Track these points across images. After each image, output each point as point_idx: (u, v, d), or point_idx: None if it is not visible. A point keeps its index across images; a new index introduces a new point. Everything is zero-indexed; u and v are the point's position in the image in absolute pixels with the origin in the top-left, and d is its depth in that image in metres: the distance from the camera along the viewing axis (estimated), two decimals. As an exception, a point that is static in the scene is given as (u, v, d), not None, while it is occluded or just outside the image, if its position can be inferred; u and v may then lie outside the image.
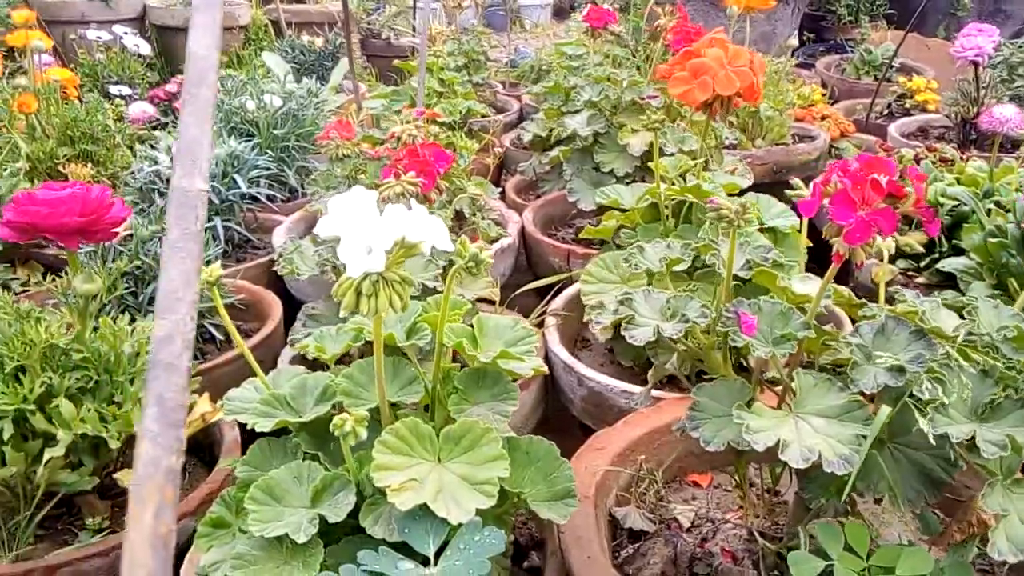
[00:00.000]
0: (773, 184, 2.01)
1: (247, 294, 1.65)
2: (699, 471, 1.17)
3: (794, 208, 1.38)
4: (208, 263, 1.10)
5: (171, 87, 2.76)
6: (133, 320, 1.19)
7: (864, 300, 0.88)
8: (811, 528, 0.89)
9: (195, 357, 1.48)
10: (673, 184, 1.32)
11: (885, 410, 0.71)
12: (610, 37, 2.29)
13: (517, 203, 2.19)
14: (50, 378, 1.04)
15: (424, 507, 0.77)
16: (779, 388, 0.93)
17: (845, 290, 0.85)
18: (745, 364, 0.92)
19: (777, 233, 1.30)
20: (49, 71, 2.08)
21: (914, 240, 0.97)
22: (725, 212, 0.77)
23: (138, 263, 1.38)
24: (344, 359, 1.04)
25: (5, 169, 1.81)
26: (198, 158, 0.35)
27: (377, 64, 3.78)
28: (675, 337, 0.80)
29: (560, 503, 0.85)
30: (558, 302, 1.54)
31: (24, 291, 1.72)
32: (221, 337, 1.53)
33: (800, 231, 1.31)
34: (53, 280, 1.17)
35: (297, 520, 0.80)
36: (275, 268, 1.36)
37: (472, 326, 0.89)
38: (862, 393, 0.75)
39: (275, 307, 1.63)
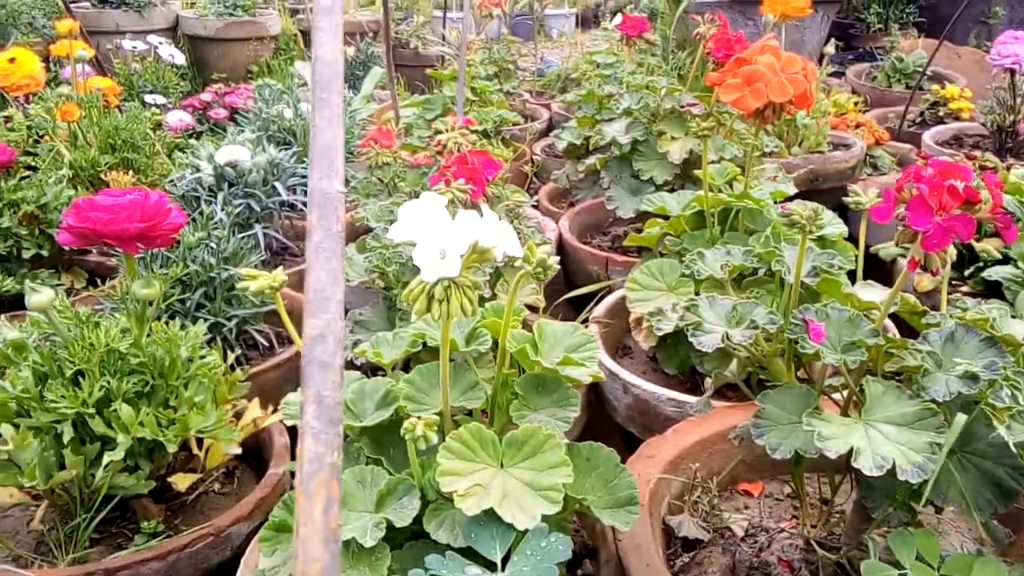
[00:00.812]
0: (809, 192, 2.00)
1: (289, 300, 1.66)
2: (750, 480, 1.16)
3: (842, 215, 1.37)
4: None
5: (205, 96, 2.80)
6: (183, 326, 1.20)
7: (927, 308, 0.87)
8: (876, 536, 0.88)
9: (240, 362, 1.49)
10: (720, 191, 1.32)
11: (961, 418, 0.70)
12: (644, 45, 2.29)
13: (551, 211, 2.19)
14: (108, 382, 1.05)
15: (489, 513, 0.78)
16: (836, 395, 0.92)
17: (911, 297, 0.84)
18: (805, 372, 0.91)
19: (825, 241, 1.29)
20: (91, 80, 2.11)
21: (991, 247, 0.96)
22: (797, 218, 0.77)
23: (188, 270, 1.40)
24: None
25: (51, 176, 1.84)
26: (334, 160, 0.35)
27: (405, 74, 3.81)
28: (744, 344, 0.79)
29: (622, 510, 0.85)
30: (600, 309, 1.54)
31: (70, 297, 1.75)
32: (265, 343, 1.54)
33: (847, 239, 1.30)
34: (112, 285, 1.18)
35: (363, 524, 0.80)
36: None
37: (532, 331, 0.89)
38: (934, 401, 0.75)
39: (316, 313, 1.64)
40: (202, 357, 1.17)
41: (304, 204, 2.03)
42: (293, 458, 1.22)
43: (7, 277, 1.56)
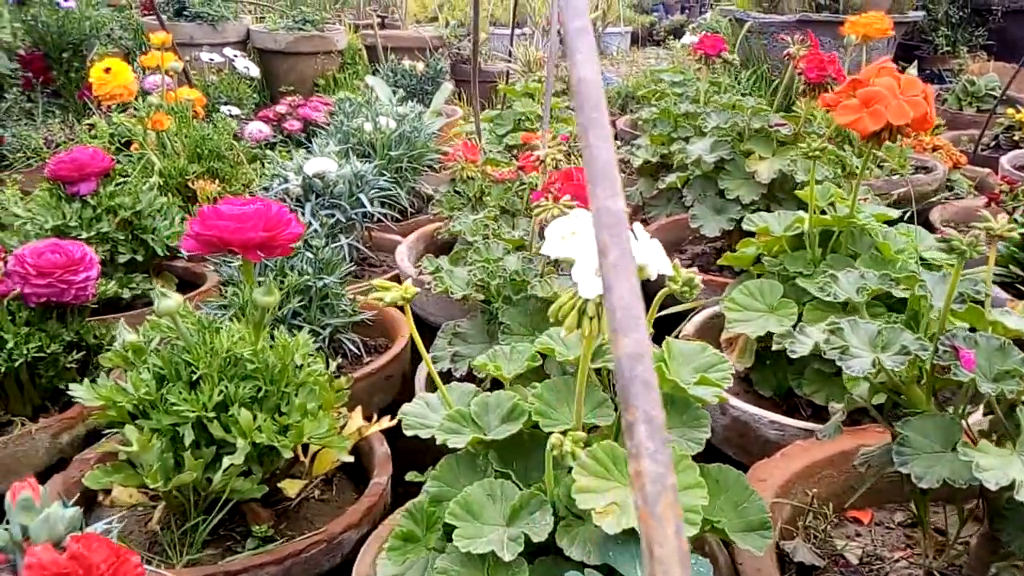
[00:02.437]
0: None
1: (374, 311, 1.68)
2: (859, 507, 1.14)
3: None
4: (356, 279, 1.12)
5: (280, 108, 2.85)
6: (293, 334, 1.22)
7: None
8: (1000, 568, 0.86)
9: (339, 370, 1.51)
10: (823, 213, 1.31)
11: None
12: (718, 65, 2.29)
13: (626, 228, 2.19)
14: (225, 387, 1.07)
15: (628, 532, 0.77)
16: (974, 423, 0.90)
17: (1056, 326, 0.82)
18: (938, 399, 0.89)
19: (931, 266, 1.27)
20: (180, 91, 2.17)
21: None
22: (957, 244, 0.76)
23: (299, 279, 1.43)
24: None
25: (144, 184, 1.89)
26: (614, 179, 0.36)
27: (468, 89, 3.84)
28: (894, 369, 0.78)
29: (754, 534, 0.84)
30: (688, 328, 1.53)
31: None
32: (356, 352, 1.56)
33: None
34: (235, 292, 1.21)
35: (498, 538, 0.80)
36: (426, 286, 1.37)
37: (662, 349, 0.89)
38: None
39: (400, 323, 1.66)
40: (309, 365, 1.18)
41: (383, 216, 2.05)
42: (395, 468, 1.23)
43: (108, 281, 1.60)
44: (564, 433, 0.78)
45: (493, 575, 0.79)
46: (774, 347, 1.18)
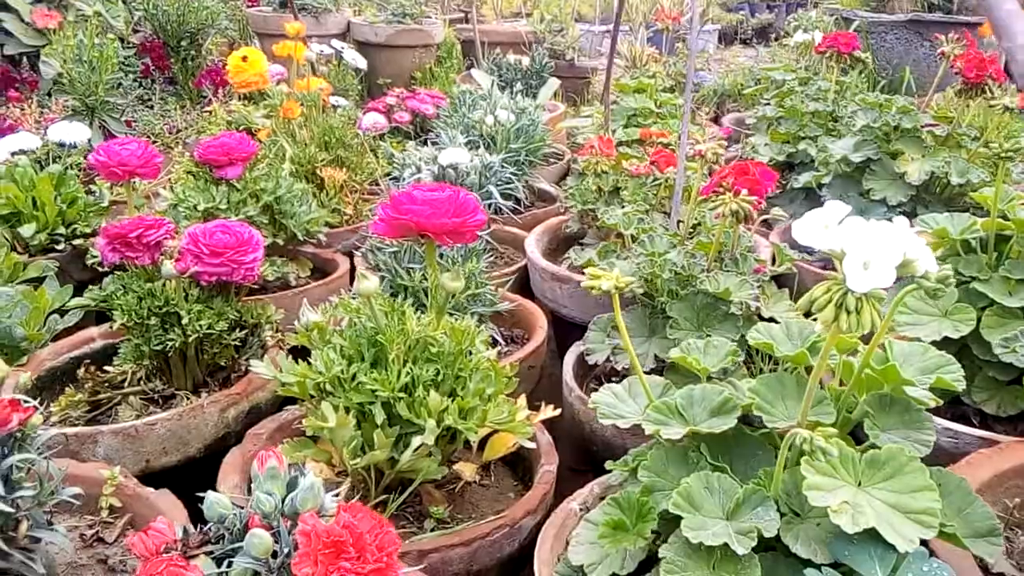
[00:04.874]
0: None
1: (511, 302, 1.69)
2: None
3: None
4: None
5: (390, 99, 2.89)
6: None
7: None
8: None
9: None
10: (1006, 217, 1.27)
11: None
12: (850, 64, 2.24)
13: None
14: (411, 369, 1.09)
15: (863, 532, 0.76)
16: None
17: None
18: None
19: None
20: (312, 80, 2.22)
21: None
22: None
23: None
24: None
25: (281, 170, 1.94)
26: None
27: (561, 84, 3.84)
28: None
29: (983, 540, 0.82)
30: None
31: (294, 285, 1.83)
32: (503, 342, 1.58)
33: None
34: (422, 276, 1.23)
35: (722, 531, 0.80)
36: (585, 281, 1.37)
37: (883, 349, 0.88)
38: None
39: (538, 315, 1.67)
40: (479, 351, 1.20)
41: (508, 209, 2.06)
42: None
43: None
44: (797, 428, 0.78)
45: (720, 568, 0.79)
46: (998, 353, 1.14)
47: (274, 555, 0.69)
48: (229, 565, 0.73)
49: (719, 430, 0.86)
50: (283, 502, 0.71)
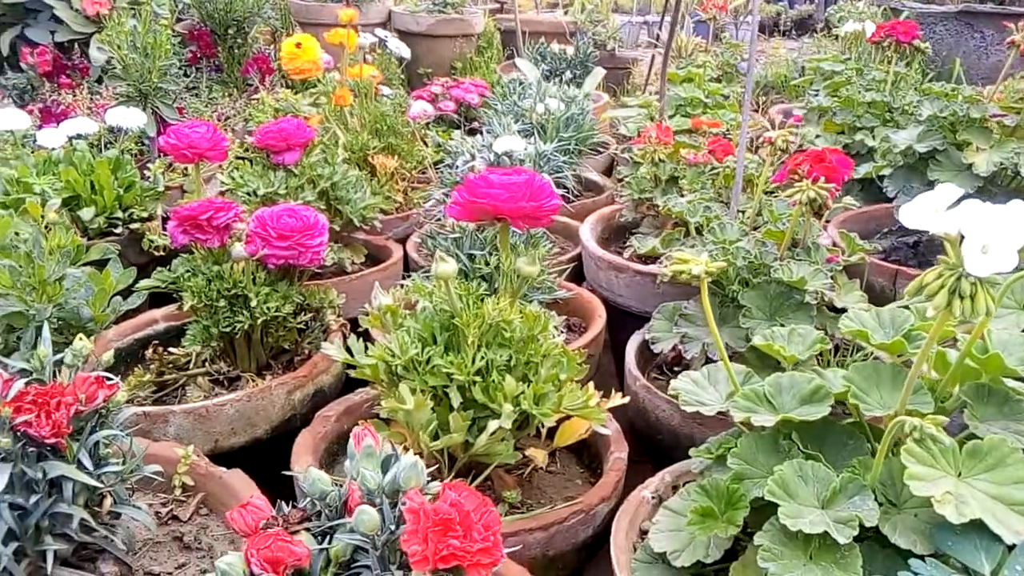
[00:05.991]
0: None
1: (568, 290, 1.68)
2: None
3: None
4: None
5: (435, 88, 2.89)
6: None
7: None
8: None
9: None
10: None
11: None
12: (908, 53, 2.20)
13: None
14: (485, 354, 1.09)
15: (967, 524, 0.75)
16: None
17: None
18: None
19: None
20: (364, 68, 2.23)
21: None
22: None
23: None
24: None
25: (336, 157, 1.94)
26: None
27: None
28: None
29: (1087, 536, 0.80)
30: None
31: (350, 271, 1.84)
32: (564, 329, 1.57)
33: None
34: (484, 262, 1.22)
35: (819, 519, 0.79)
36: (661, 267, 1.37)
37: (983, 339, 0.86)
38: None
39: (596, 304, 1.66)
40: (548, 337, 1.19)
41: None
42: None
43: (319, 248, 1.64)
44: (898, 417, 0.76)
45: (818, 557, 0.78)
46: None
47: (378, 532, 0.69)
48: (329, 541, 0.73)
49: (812, 418, 0.85)
50: (384, 479, 0.71)
